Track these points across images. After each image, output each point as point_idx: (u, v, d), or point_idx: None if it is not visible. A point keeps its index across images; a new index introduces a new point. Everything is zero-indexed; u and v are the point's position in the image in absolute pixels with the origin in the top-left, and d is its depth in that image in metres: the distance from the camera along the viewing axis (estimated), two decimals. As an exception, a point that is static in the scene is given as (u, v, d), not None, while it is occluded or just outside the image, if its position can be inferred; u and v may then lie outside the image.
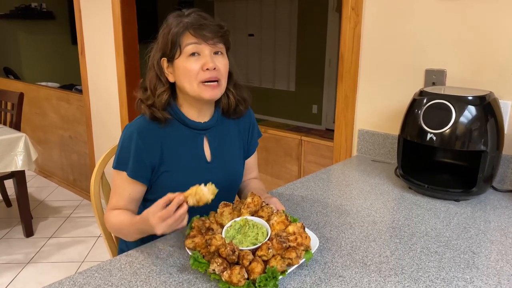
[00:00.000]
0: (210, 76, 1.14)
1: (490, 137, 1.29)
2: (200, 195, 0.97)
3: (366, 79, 1.81)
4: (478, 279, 0.94)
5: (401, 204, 1.35)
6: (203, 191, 0.97)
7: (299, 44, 6.09)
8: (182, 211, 0.96)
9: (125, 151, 1.17)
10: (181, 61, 1.14)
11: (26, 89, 4.01)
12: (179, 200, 0.96)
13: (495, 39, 1.45)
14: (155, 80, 1.20)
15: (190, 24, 1.13)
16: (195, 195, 0.97)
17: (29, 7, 5.52)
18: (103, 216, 1.37)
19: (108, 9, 2.87)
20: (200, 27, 1.12)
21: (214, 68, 1.13)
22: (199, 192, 0.97)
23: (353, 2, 1.77)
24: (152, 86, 1.20)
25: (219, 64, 1.15)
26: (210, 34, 1.13)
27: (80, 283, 0.92)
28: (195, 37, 1.12)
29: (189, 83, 1.15)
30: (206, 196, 0.97)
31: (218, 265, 0.88)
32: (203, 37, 1.12)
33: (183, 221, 0.97)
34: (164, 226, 0.96)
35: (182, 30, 1.13)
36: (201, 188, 0.97)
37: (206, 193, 0.97)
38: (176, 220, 0.96)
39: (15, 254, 2.80)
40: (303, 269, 0.97)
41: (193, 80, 1.14)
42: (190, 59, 1.13)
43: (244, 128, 1.35)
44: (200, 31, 1.12)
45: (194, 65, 1.13)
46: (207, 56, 1.13)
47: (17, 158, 2.80)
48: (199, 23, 1.12)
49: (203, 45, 1.13)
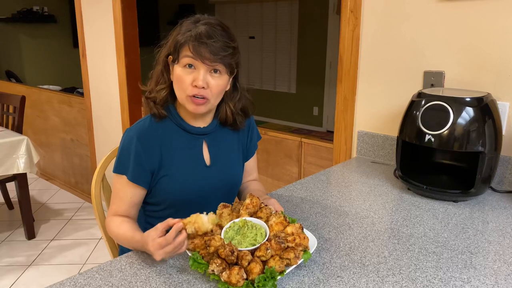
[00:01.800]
0: (197, 93, 1.12)
1: (488, 138, 1.30)
2: (199, 224, 0.96)
3: (365, 81, 1.82)
4: (475, 279, 0.95)
5: (400, 205, 1.36)
6: (203, 219, 0.96)
7: (300, 46, 6.11)
8: (181, 238, 0.94)
9: (125, 155, 1.18)
10: (177, 68, 1.14)
11: (28, 92, 4.03)
12: (178, 227, 0.95)
13: (493, 41, 1.46)
14: (160, 74, 1.21)
15: (193, 38, 1.10)
16: (194, 223, 0.96)
17: (30, 11, 5.54)
18: (104, 218, 1.38)
19: (109, 12, 2.89)
20: (200, 45, 1.09)
21: (203, 87, 1.11)
22: (198, 220, 0.96)
23: (352, 4, 1.78)
24: (156, 80, 1.22)
25: (212, 84, 1.13)
26: (209, 55, 1.09)
27: (81, 284, 0.93)
28: (192, 53, 1.10)
29: (179, 92, 1.16)
30: (206, 225, 0.96)
31: (217, 266, 0.88)
32: (200, 56, 1.09)
33: (182, 247, 0.96)
34: (162, 253, 0.95)
35: (184, 41, 1.11)
36: (201, 217, 0.96)
37: (205, 222, 0.96)
38: (175, 247, 0.95)
39: (17, 257, 2.81)
40: (302, 270, 0.98)
41: (182, 91, 1.14)
42: (185, 70, 1.13)
43: (243, 132, 1.36)
44: (199, 49, 1.09)
45: (186, 77, 1.12)
46: (200, 73, 1.11)
47: (19, 161, 2.81)
48: (201, 41, 1.09)
49: (198, 62, 1.11)
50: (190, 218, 0.96)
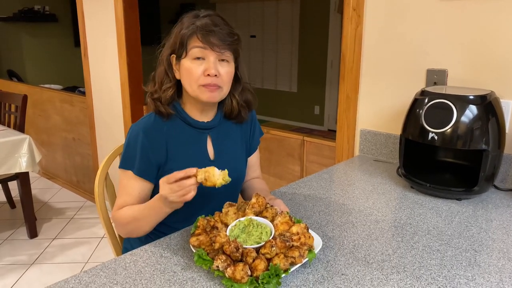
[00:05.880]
0: (210, 81, 1.14)
1: (491, 136, 1.30)
2: (209, 174, 1.00)
3: (368, 79, 1.82)
4: (480, 276, 0.95)
5: (403, 203, 1.36)
6: (215, 171, 1.00)
7: (301, 45, 6.11)
8: (190, 181, 1.00)
9: (131, 150, 1.19)
10: (186, 62, 1.16)
11: (29, 91, 4.03)
12: (189, 172, 1.00)
13: (496, 38, 1.46)
14: (163, 75, 1.22)
15: (200, 28, 1.13)
16: (205, 172, 1.00)
17: (32, 10, 5.55)
18: (108, 217, 1.39)
19: (111, 11, 2.89)
20: (208, 33, 1.12)
21: (216, 75, 1.14)
22: (210, 171, 1.00)
23: (354, 3, 1.78)
24: (160, 81, 1.22)
25: (222, 72, 1.16)
26: (217, 42, 1.12)
27: (85, 282, 0.93)
28: (201, 42, 1.12)
29: (190, 85, 1.17)
30: (215, 177, 1.00)
31: (222, 262, 0.89)
32: (210, 43, 1.12)
33: (189, 193, 1.00)
34: (168, 189, 1.01)
35: (191, 33, 1.13)
36: (214, 169, 1.00)
37: (216, 174, 1.00)
38: (180, 186, 1.00)
39: (19, 255, 2.82)
40: (306, 267, 0.98)
41: (194, 82, 1.16)
42: (194, 62, 1.15)
43: (246, 127, 1.37)
44: (208, 37, 1.12)
45: (197, 68, 1.14)
46: (211, 62, 1.14)
47: (21, 160, 2.81)
48: (209, 29, 1.12)
49: (208, 51, 1.13)
50: (204, 168, 1.01)
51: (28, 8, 5.52)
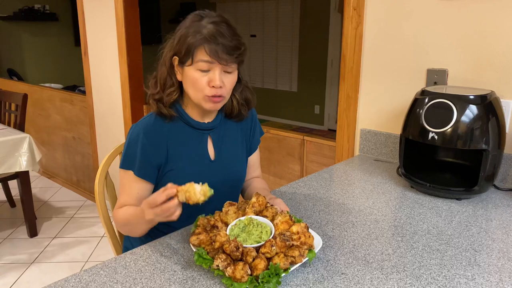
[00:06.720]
0: (215, 93, 1.14)
1: (491, 136, 1.30)
2: (190, 193, 0.96)
3: (368, 79, 1.82)
4: (479, 276, 0.95)
5: (403, 203, 1.36)
6: (195, 189, 0.96)
7: (301, 45, 6.11)
8: (171, 204, 0.97)
9: (131, 151, 1.19)
10: (190, 70, 1.14)
11: (29, 90, 4.03)
12: (170, 193, 0.97)
13: (497, 38, 1.46)
14: (166, 76, 1.20)
15: (207, 39, 1.10)
16: (186, 192, 0.96)
17: (32, 9, 5.55)
18: (108, 216, 1.39)
19: (111, 10, 2.89)
20: (216, 46, 1.09)
21: (221, 86, 1.13)
22: (190, 189, 0.96)
23: (355, 2, 1.78)
24: (162, 82, 1.21)
25: (226, 81, 1.15)
26: (225, 56, 1.10)
27: (86, 281, 0.93)
28: (209, 56, 1.10)
29: (193, 93, 1.17)
30: (196, 196, 0.96)
31: (222, 261, 0.89)
32: (217, 58, 1.10)
33: (173, 214, 0.99)
34: (151, 212, 1.01)
35: (198, 44, 1.10)
36: (194, 187, 0.97)
37: (196, 192, 0.96)
38: (163, 211, 0.98)
39: (19, 254, 2.82)
40: (306, 267, 0.98)
41: (199, 92, 1.15)
42: (199, 72, 1.13)
43: (246, 126, 1.37)
44: (215, 51, 1.09)
45: (202, 79, 1.13)
46: (216, 74, 1.12)
47: (21, 159, 2.82)
48: (216, 42, 1.09)
49: (215, 64, 1.12)
50: (184, 186, 0.97)
51: (29, 7, 5.52)
